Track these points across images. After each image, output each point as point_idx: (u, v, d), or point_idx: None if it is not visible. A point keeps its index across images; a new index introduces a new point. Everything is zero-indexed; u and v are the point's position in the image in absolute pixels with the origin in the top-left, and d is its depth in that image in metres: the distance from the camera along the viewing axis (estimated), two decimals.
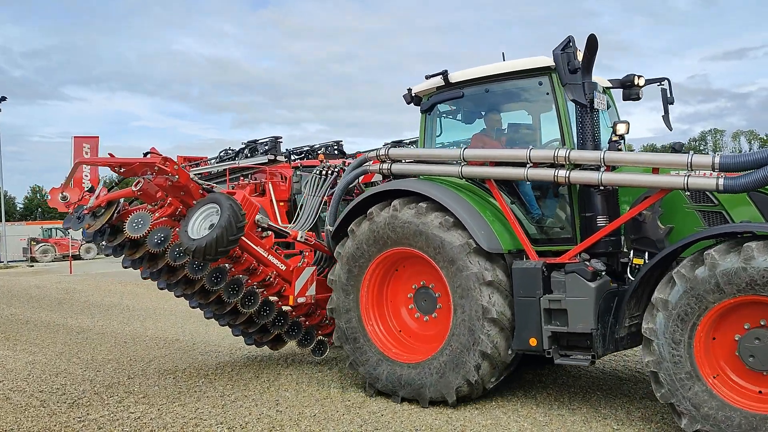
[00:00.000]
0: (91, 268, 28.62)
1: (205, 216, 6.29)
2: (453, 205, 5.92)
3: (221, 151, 19.64)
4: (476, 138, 6.75)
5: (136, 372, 7.74)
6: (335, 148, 18.98)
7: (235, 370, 7.76)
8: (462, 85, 6.56)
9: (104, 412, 6.09)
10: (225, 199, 6.20)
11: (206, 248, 5.94)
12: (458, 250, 5.78)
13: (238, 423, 5.65)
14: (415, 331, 6.51)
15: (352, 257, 6.50)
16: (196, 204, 6.39)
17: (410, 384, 6.09)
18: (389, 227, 6.20)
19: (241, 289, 6.76)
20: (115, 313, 13.24)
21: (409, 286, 6.53)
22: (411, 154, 7.03)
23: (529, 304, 5.62)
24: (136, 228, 6.29)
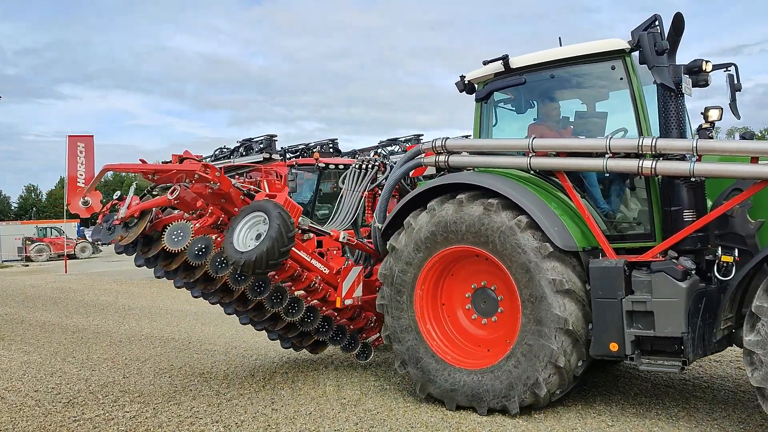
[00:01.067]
0: (86, 267, 28.58)
1: (250, 225, 5.88)
2: (525, 201, 5.50)
3: (216, 150, 19.65)
4: (533, 128, 6.34)
5: (132, 371, 7.74)
6: (330, 147, 19.00)
7: (230, 368, 7.76)
8: (524, 70, 6.17)
9: (99, 411, 6.09)
10: (273, 207, 5.74)
11: (256, 262, 5.51)
12: (532, 253, 5.35)
13: (233, 421, 5.65)
14: (472, 334, 6.08)
15: (407, 253, 6.09)
16: (241, 212, 5.94)
17: (468, 391, 5.69)
18: (452, 223, 5.77)
19: (285, 298, 6.40)
20: (111, 313, 13.22)
21: (467, 286, 6.12)
22: (472, 144, 6.48)
23: (610, 305, 5.18)
24: (176, 240, 5.86)
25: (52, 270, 27.76)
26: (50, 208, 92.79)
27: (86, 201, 6.41)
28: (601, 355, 5.32)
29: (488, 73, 6.38)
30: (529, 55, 6.17)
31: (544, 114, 6.48)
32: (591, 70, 6.01)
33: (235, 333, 10.28)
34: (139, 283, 19.30)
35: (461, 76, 6.59)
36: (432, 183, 6.22)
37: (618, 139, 5.49)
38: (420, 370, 5.99)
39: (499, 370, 5.55)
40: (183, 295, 15.89)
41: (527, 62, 6.15)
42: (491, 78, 6.39)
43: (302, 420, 5.65)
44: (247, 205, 5.99)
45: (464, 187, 5.93)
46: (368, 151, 20.78)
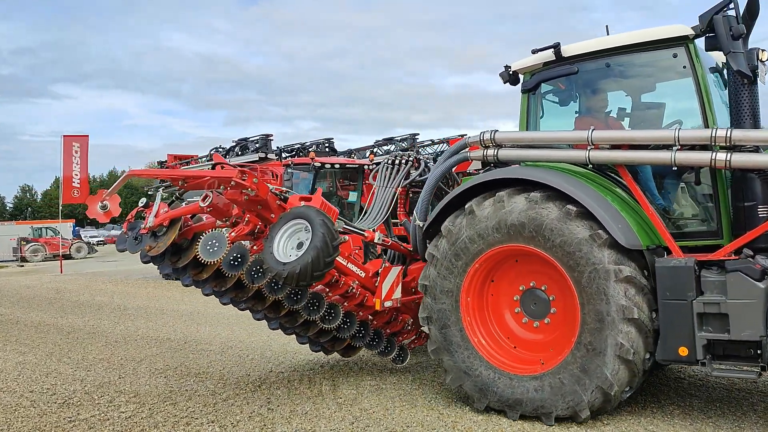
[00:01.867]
0: (81, 267, 28.51)
1: (290, 233, 5.54)
2: (586, 198, 5.19)
3: (212, 149, 19.63)
4: (581, 121, 6.09)
5: (127, 371, 7.72)
6: (326, 146, 19.00)
7: (226, 368, 7.75)
8: (577, 59, 5.88)
9: (95, 411, 6.07)
10: (315, 214, 5.42)
11: (300, 274, 5.18)
12: (588, 244, 5.05)
13: (229, 421, 5.65)
14: (523, 339, 5.74)
15: (449, 257, 5.75)
16: (280, 219, 5.60)
17: (529, 399, 5.35)
18: (499, 221, 5.46)
19: (322, 305, 6.14)
20: (106, 313, 13.19)
21: (515, 288, 5.79)
22: (524, 137, 6.09)
23: (679, 307, 4.88)
24: (211, 251, 5.46)
25: (48, 270, 27.69)
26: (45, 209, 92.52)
27: (104, 205, 5.99)
28: (668, 360, 5.05)
29: (536, 63, 6.10)
30: (583, 43, 5.92)
31: (593, 105, 6.20)
32: (650, 58, 5.68)
33: (231, 333, 10.28)
34: (134, 283, 19.26)
35: (506, 67, 6.30)
36: (478, 179, 5.84)
37: (686, 130, 5.18)
38: (475, 382, 5.64)
39: (561, 371, 5.22)
40: (178, 295, 15.90)
41: (581, 50, 5.88)
42: (539, 68, 6.11)
43: (298, 419, 5.65)
44: (287, 212, 5.63)
45: (511, 183, 5.62)
46: (364, 150, 20.81)
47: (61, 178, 25.79)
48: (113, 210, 6.01)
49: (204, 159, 19.80)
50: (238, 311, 12.37)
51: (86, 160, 25.39)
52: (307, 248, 5.24)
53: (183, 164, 20.66)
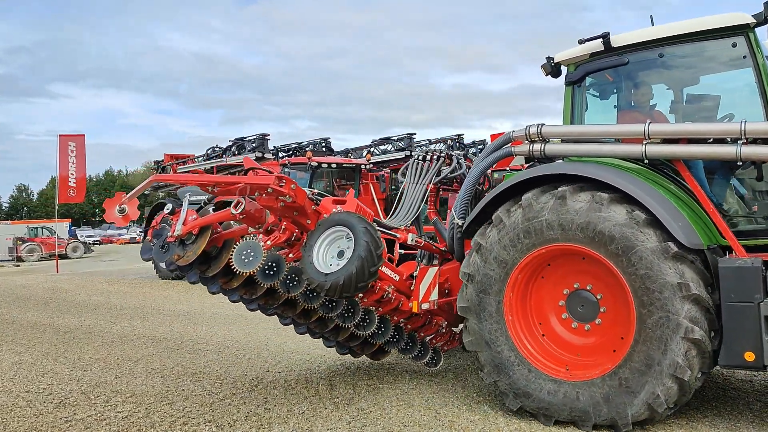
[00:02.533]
0: (77, 267, 28.46)
1: (330, 241, 5.34)
2: (644, 195, 4.92)
3: (209, 149, 19.62)
4: (626, 115, 5.92)
5: (124, 371, 7.71)
6: (323, 146, 19.02)
7: (223, 368, 7.74)
8: (628, 49, 5.65)
9: (91, 411, 6.06)
10: (357, 221, 5.18)
11: (344, 285, 4.97)
12: (653, 253, 4.77)
13: (226, 421, 5.64)
14: (568, 342, 5.49)
15: (496, 250, 5.50)
16: (318, 227, 5.37)
17: (570, 405, 5.13)
18: (553, 219, 5.20)
19: (358, 312, 5.91)
20: (102, 312, 13.16)
21: (560, 289, 5.54)
22: (573, 131, 5.86)
23: (745, 310, 4.63)
24: (246, 262, 5.13)
25: (44, 270, 27.62)
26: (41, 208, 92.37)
27: (123, 209, 5.77)
28: (732, 366, 4.84)
29: (583, 54, 5.87)
30: (635, 33, 5.67)
31: (640, 98, 5.97)
32: (707, 48, 5.43)
33: (228, 333, 10.27)
34: (131, 283, 19.23)
35: (548, 58, 6.06)
36: (526, 174, 5.59)
37: (754, 122, 4.92)
38: (511, 381, 5.43)
39: (607, 381, 4.99)
40: (175, 294, 15.88)
41: (633, 40, 5.62)
42: (586, 59, 5.88)
43: (295, 419, 5.64)
44: (326, 219, 5.40)
45: (563, 179, 5.37)
46: (361, 150, 20.81)
47: (57, 177, 25.73)
48: (131, 214, 5.82)
49: (201, 158, 19.78)
50: (235, 311, 12.40)
51: (83, 159, 25.34)
52: (351, 258, 5.03)
53: (180, 164, 20.64)
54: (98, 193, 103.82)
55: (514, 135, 6.02)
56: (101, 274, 23.57)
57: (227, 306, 13.40)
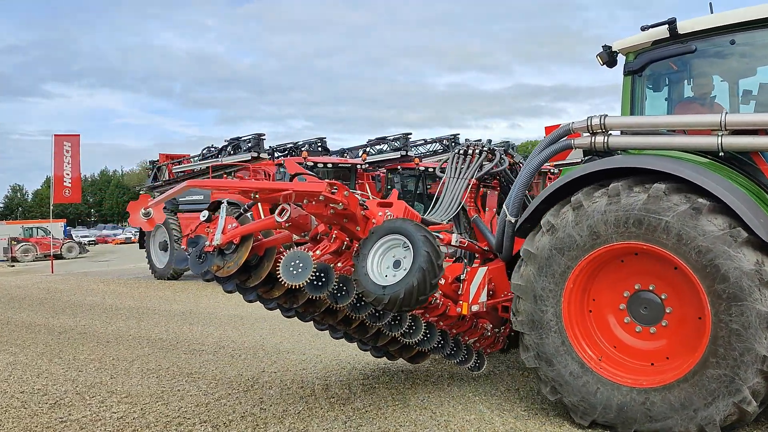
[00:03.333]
0: (72, 267, 28.39)
1: (384, 250, 5.02)
2: (720, 189, 4.64)
3: (204, 149, 19.61)
4: (685, 106, 5.68)
5: (119, 372, 7.70)
6: (319, 145, 19.02)
7: (218, 368, 7.74)
8: (695, 36, 5.34)
9: (86, 412, 6.05)
10: (415, 229, 4.86)
11: (404, 299, 4.68)
12: (726, 242, 4.51)
13: (221, 421, 5.64)
14: (632, 347, 5.15)
15: (550, 256, 5.20)
16: (372, 235, 5.05)
17: (646, 414, 4.80)
18: (615, 216, 4.88)
19: (405, 320, 5.59)
20: (98, 313, 13.13)
21: (620, 290, 5.20)
22: (640, 122, 5.57)
23: None
24: (295, 274, 4.76)
25: (39, 270, 27.54)
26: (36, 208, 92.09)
27: (147, 212, 5.45)
28: None
29: (645, 42, 5.59)
30: (704, 18, 5.38)
31: (704, 89, 5.69)
32: None
33: (223, 333, 10.26)
34: (126, 283, 19.19)
35: (604, 47, 5.81)
36: (587, 168, 5.23)
37: None
38: (580, 396, 5.10)
39: (687, 384, 4.67)
40: (170, 294, 15.86)
41: (703, 26, 5.30)
42: (648, 47, 5.59)
43: (291, 419, 5.64)
44: (379, 226, 5.08)
45: (623, 173, 5.06)
46: (357, 150, 20.82)
47: (52, 177, 25.66)
48: (157, 217, 5.49)
49: (196, 158, 19.75)
50: (231, 311, 12.40)
51: (78, 159, 25.30)
52: (411, 270, 4.72)
53: (175, 164, 20.61)
54: (93, 193, 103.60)
55: (575, 126, 5.71)
56: (96, 274, 23.52)
57: (223, 306, 13.39)
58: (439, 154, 22.71)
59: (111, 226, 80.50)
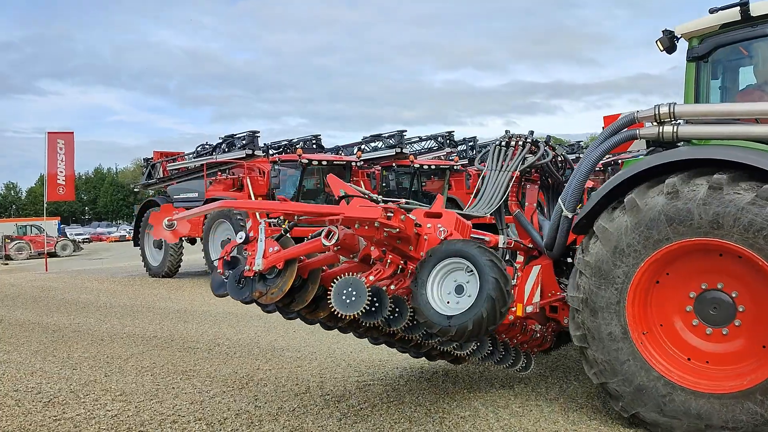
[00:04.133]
0: (67, 265, 28.30)
1: (444, 274, 4.67)
2: None
3: (198, 146, 19.55)
4: (747, 94, 5.46)
5: (113, 369, 7.67)
6: (313, 143, 18.99)
7: (213, 366, 7.72)
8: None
9: (80, 410, 6.03)
10: (479, 252, 4.48)
11: (473, 330, 4.39)
12: None
13: (216, 419, 5.63)
14: (702, 351, 4.82)
15: (607, 262, 4.88)
16: (430, 257, 4.69)
17: (729, 422, 4.45)
18: (674, 213, 4.59)
19: None
20: (92, 311, 13.09)
21: (685, 291, 4.87)
22: (713, 111, 5.26)
23: None
24: (348, 303, 4.46)
25: (33, 268, 27.44)
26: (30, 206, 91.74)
27: (171, 224, 5.20)
28: None
29: (712, 25, 5.26)
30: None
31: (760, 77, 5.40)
32: None
33: (218, 330, 10.24)
34: (120, 281, 19.14)
35: (665, 31, 5.51)
36: (657, 159, 4.90)
37: None
38: (659, 410, 4.74)
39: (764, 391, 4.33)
40: (165, 292, 15.83)
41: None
42: (715, 30, 5.27)
43: (285, 416, 5.64)
44: (438, 249, 4.69)
45: (681, 167, 4.76)
46: (351, 147, 20.80)
47: (45, 175, 25.56)
48: (181, 229, 5.27)
49: (190, 156, 19.70)
50: (225, 308, 12.38)
51: (72, 156, 25.21)
52: (479, 299, 4.38)
53: (170, 161, 20.55)
54: (87, 190, 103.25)
55: (640, 116, 5.37)
56: (91, 272, 23.45)
57: (217, 304, 13.37)
58: (434, 151, 22.72)
59: (105, 223, 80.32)
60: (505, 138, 6.46)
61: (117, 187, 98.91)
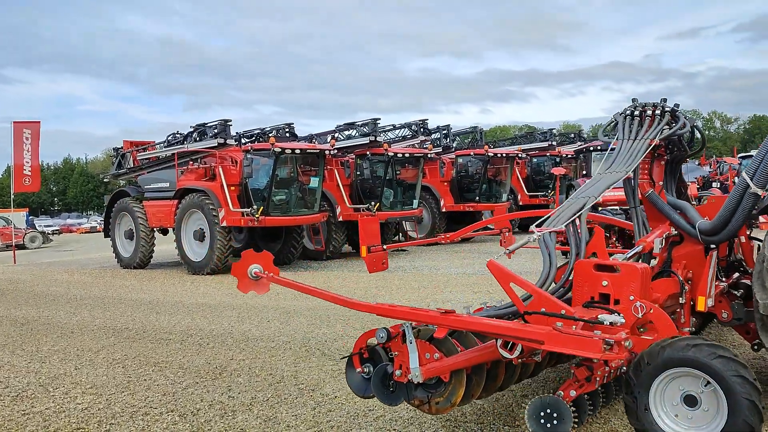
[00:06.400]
0: (36, 257, 27.78)
1: (667, 381, 3.74)
2: None
3: (169, 135, 19.24)
4: None
5: (84, 362, 7.56)
6: (287, 131, 18.81)
7: (186, 357, 7.65)
8: None
9: (50, 404, 5.94)
10: (722, 366, 3.51)
11: None
12: None
13: (189, 410, 5.58)
14: None
15: None
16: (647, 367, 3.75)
17: None
18: None
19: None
20: (62, 303, 12.88)
21: None
22: None
23: None
24: (549, 427, 3.82)
25: (0, 261, 26.91)
26: None
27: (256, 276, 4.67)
28: None
29: None
30: None
31: None
32: None
33: (191, 321, 10.14)
34: (91, 273, 18.85)
35: None
36: None
37: None
38: None
39: None
40: (137, 284, 15.62)
41: None
42: None
43: (259, 406, 5.61)
44: (655, 353, 3.72)
45: None
46: (325, 135, 20.67)
47: (12, 166, 25.00)
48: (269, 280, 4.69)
49: (161, 145, 19.42)
50: (198, 299, 12.26)
51: (38, 147, 24.66)
52: (730, 425, 3.50)
53: (140, 150, 20.24)
54: (57, 181, 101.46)
55: None
56: (61, 264, 23.07)
57: (190, 294, 13.24)
58: (408, 139, 22.69)
59: (75, 214, 79.01)
60: (631, 107, 5.68)
61: (87, 178, 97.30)
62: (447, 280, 13.81)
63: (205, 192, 16.63)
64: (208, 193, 16.53)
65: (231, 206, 16.18)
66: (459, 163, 24.47)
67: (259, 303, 11.15)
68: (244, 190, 16.60)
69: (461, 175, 24.35)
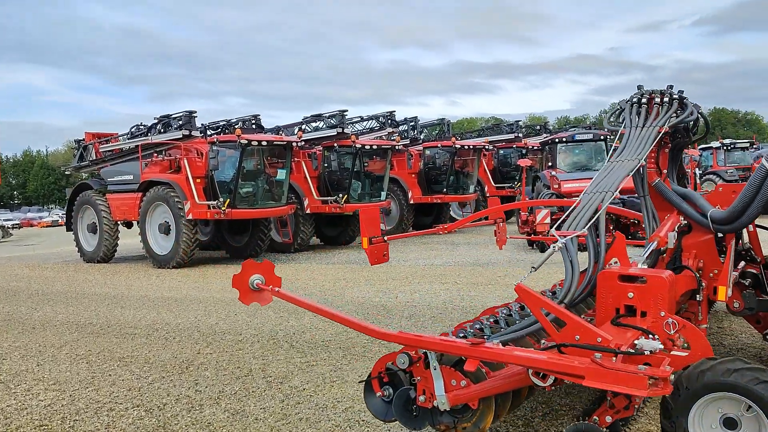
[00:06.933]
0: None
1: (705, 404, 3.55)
2: None
3: (132, 127, 18.90)
4: None
5: (46, 358, 7.42)
6: (253, 123, 18.64)
7: (151, 351, 7.55)
8: None
9: (11, 401, 5.81)
10: (764, 390, 3.36)
11: None
12: None
13: (155, 405, 5.52)
14: None
15: None
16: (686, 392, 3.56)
17: None
18: None
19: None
20: (23, 299, 12.60)
21: None
22: None
23: None
24: None
25: None
26: None
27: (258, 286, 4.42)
28: None
29: None
30: None
31: None
32: None
33: (157, 316, 10.02)
34: (53, 267, 18.47)
35: None
36: None
37: None
38: None
39: None
40: (101, 278, 15.36)
41: None
42: None
43: (227, 400, 5.58)
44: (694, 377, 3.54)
45: None
46: (292, 127, 20.54)
47: None
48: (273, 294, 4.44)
49: (124, 137, 19.07)
50: (164, 293, 12.11)
51: None
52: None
53: (103, 143, 19.85)
54: (16, 174, 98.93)
55: None
56: (21, 259, 22.54)
57: (156, 288, 13.07)
58: (376, 131, 22.68)
59: (36, 208, 77.20)
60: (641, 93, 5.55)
61: (48, 171, 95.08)
62: (414, 271, 13.86)
63: (170, 184, 16.40)
64: (173, 185, 16.31)
65: (197, 199, 15.99)
66: (426, 155, 24.56)
67: (226, 296, 11.06)
68: (210, 182, 16.42)
69: (429, 167, 24.45)
